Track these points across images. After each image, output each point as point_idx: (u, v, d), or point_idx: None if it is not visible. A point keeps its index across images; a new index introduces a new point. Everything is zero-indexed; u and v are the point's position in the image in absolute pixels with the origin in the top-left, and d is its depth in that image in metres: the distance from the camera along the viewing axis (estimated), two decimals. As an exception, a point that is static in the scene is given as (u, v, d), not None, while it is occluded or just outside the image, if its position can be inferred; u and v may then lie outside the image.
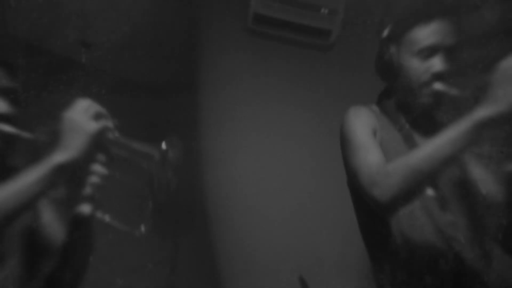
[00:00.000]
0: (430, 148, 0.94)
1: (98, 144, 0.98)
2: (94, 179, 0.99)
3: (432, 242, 1.07)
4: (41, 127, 1.04)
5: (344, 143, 1.16)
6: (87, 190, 0.98)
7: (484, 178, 1.12)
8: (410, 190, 0.97)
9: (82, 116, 0.96)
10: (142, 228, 1.08)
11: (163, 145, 1.00)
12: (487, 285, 1.05)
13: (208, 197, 2.32)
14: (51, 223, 1.14)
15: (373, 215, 1.07)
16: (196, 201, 2.62)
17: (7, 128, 1.02)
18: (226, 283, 2.20)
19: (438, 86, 1.07)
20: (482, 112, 0.85)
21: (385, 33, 1.20)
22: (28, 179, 0.93)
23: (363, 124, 1.15)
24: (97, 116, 0.97)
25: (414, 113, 1.16)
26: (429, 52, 1.10)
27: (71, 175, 0.98)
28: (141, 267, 2.38)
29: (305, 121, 2.24)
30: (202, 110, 2.36)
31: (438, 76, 1.08)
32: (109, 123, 0.99)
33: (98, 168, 0.99)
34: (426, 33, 1.11)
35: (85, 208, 0.99)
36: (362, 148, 1.10)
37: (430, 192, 1.10)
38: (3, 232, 1.03)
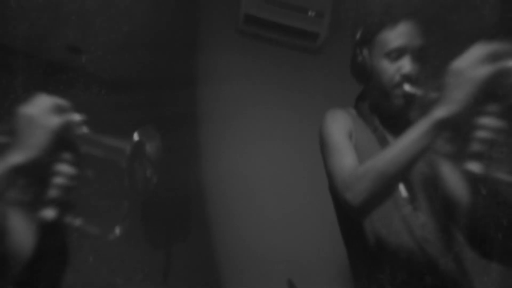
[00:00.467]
0: (394, 150, 0.96)
1: (63, 141, 0.89)
2: (60, 180, 0.89)
3: (405, 243, 1.09)
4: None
5: (322, 146, 1.20)
6: (52, 193, 0.89)
7: (452, 178, 1.14)
8: (380, 193, 0.99)
9: (41, 111, 0.87)
10: (117, 231, 0.99)
11: (135, 137, 0.92)
12: (459, 286, 1.07)
13: (200, 197, 2.33)
14: (19, 229, 1.00)
15: (349, 217, 1.09)
16: (192, 206, 2.62)
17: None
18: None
19: (407, 87, 1.09)
20: (439, 112, 0.88)
21: (357, 35, 1.23)
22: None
23: (339, 127, 1.19)
24: (59, 110, 0.89)
25: (386, 114, 1.19)
26: (397, 54, 1.13)
27: (32, 177, 0.89)
28: (130, 276, 2.37)
29: (293, 121, 2.29)
30: (195, 108, 2.38)
31: (406, 78, 1.11)
32: (74, 117, 0.90)
33: (64, 167, 0.90)
34: (394, 35, 1.14)
35: (49, 213, 0.91)
36: (337, 152, 1.13)
37: (402, 192, 1.12)
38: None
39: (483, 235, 1.05)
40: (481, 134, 0.84)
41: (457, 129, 0.89)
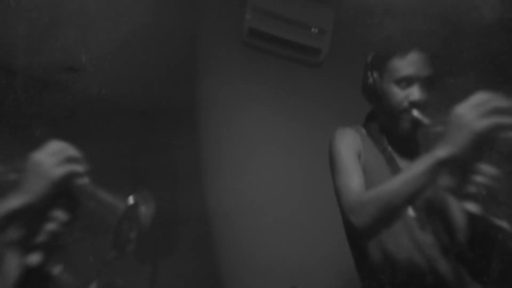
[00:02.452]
0: (399, 182, 1.01)
1: (62, 189, 0.91)
2: (51, 226, 0.92)
3: (412, 260, 1.14)
4: (10, 162, 0.97)
5: (331, 164, 1.24)
6: (41, 238, 0.91)
7: (456, 208, 1.17)
8: (384, 220, 1.04)
9: (49, 160, 0.90)
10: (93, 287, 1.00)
11: (130, 200, 0.94)
12: None
13: (203, 208, 2.33)
14: (5, 270, 0.99)
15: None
16: (179, 221, 2.61)
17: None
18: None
19: (415, 113, 1.15)
20: (440, 152, 0.93)
21: (369, 59, 1.29)
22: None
23: (347, 146, 1.23)
24: (68, 160, 0.92)
25: (395, 135, 1.24)
26: (406, 82, 1.18)
27: (24, 220, 0.91)
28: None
29: (296, 132, 2.33)
30: (197, 115, 2.39)
31: (415, 104, 1.16)
32: (78, 168, 0.93)
33: (59, 214, 0.92)
34: (403, 64, 1.19)
35: (34, 258, 0.92)
36: (344, 172, 1.18)
37: (411, 212, 1.17)
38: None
39: (476, 263, 1.11)
40: (478, 178, 0.91)
41: (456, 167, 0.94)
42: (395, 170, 1.20)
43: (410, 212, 1.17)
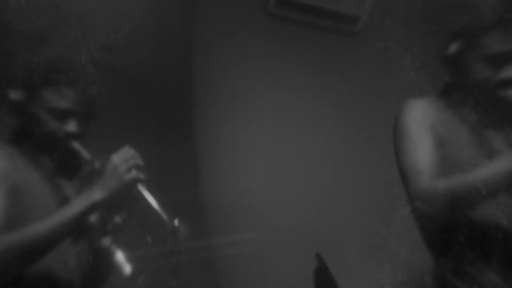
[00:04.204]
0: (477, 177, 0.94)
1: (128, 191, 1.14)
2: (118, 219, 1.18)
3: (502, 228, 1.03)
4: (97, 155, 1.23)
5: (396, 140, 1.13)
6: (110, 227, 1.18)
7: None
8: (459, 211, 0.98)
9: (124, 165, 1.12)
10: (141, 278, 1.25)
11: (176, 222, 1.15)
12: None
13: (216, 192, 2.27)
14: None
15: None
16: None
17: (75, 145, 1.24)
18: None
19: (507, 92, 1.05)
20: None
21: (457, 28, 1.16)
22: (70, 210, 1.10)
23: (418, 121, 1.11)
24: (136, 167, 1.15)
25: (484, 108, 1.11)
26: (500, 59, 1.07)
27: (101, 211, 1.17)
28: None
29: (328, 109, 2.19)
30: (215, 99, 2.31)
31: (507, 83, 1.06)
32: (142, 176, 1.16)
33: (123, 211, 1.18)
34: (499, 40, 1.07)
35: (106, 241, 1.19)
36: (413, 152, 1.07)
37: None
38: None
39: None
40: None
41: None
42: (480, 141, 1.08)
43: None
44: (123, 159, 1.14)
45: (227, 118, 2.25)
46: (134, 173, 1.14)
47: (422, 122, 1.10)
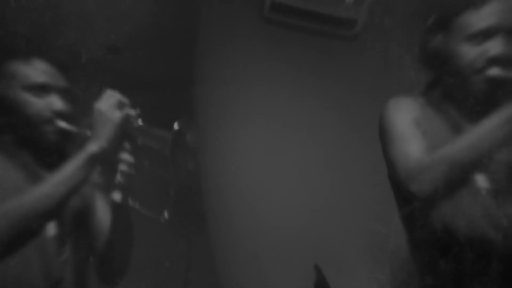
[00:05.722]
0: (471, 137, 0.90)
1: (123, 132, 1.04)
2: (123, 167, 1.06)
3: (487, 238, 0.99)
4: (84, 120, 1.10)
5: (383, 135, 1.11)
6: (118, 178, 1.07)
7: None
8: (451, 183, 0.92)
9: (110, 107, 1.02)
10: (166, 215, 1.16)
11: (175, 126, 1.06)
12: None
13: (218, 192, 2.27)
14: (101, 209, 1.20)
15: (412, 206, 1.02)
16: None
17: (63, 124, 1.10)
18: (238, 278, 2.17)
19: (493, 71, 1.01)
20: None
21: (431, 20, 1.13)
22: (68, 169, 0.99)
23: (403, 114, 1.09)
24: (120, 105, 1.04)
25: (465, 102, 1.07)
26: (483, 36, 1.02)
27: (104, 164, 1.06)
28: (156, 264, 2.39)
29: (327, 110, 2.15)
30: (212, 104, 2.29)
31: (494, 61, 1.01)
32: (131, 112, 1.06)
33: (126, 156, 1.06)
34: (479, 16, 1.03)
35: (116, 196, 1.08)
36: (400, 139, 1.04)
37: (484, 183, 1.02)
38: (57, 218, 1.08)
39: None
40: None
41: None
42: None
43: (483, 183, 1.01)
44: (108, 103, 1.03)
45: (224, 122, 2.24)
46: (123, 111, 1.04)
47: (406, 117, 1.08)
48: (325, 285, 1.61)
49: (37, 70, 1.09)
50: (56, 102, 1.10)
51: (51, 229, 1.07)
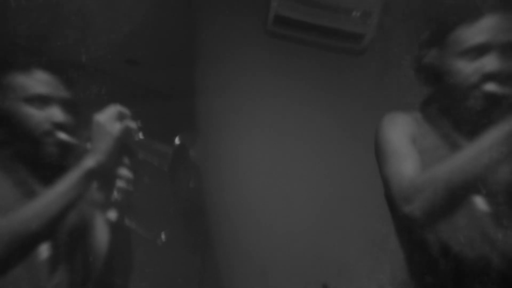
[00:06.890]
0: (463, 158, 0.88)
1: (123, 146, 0.99)
2: (121, 183, 1.00)
3: (485, 260, 0.97)
4: (83, 132, 1.05)
5: (378, 153, 1.09)
6: (115, 196, 1.00)
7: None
8: (444, 204, 0.90)
9: (107, 119, 0.98)
10: (163, 237, 1.09)
11: (177, 140, 1.03)
12: None
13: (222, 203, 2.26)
14: (101, 228, 1.12)
15: (409, 229, 1.01)
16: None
17: (63, 136, 1.04)
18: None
19: (490, 87, 0.98)
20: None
21: (425, 35, 1.12)
22: (62, 186, 0.94)
23: (398, 131, 1.07)
24: (120, 117, 0.99)
25: (461, 118, 1.06)
26: (478, 51, 1.01)
27: (102, 179, 1.00)
28: (170, 281, 2.39)
29: (331, 128, 2.14)
30: (215, 116, 2.27)
31: (490, 76, 0.99)
32: (132, 124, 1.00)
33: (124, 172, 1.00)
34: (474, 32, 1.01)
35: (111, 215, 1.02)
36: (394, 157, 1.02)
37: (483, 206, 0.99)
38: (51, 238, 1.02)
39: None
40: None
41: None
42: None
43: (483, 205, 0.98)
44: (107, 114, 0.98)
45: (227, 135, 2.24)
46: (123, 123, 0.98)
47: (403, 131, 1.07)
48: None
49: (38, 81, 1.06)
50: (57, 114, 1.05)
51: (44, 251, 1.01)
